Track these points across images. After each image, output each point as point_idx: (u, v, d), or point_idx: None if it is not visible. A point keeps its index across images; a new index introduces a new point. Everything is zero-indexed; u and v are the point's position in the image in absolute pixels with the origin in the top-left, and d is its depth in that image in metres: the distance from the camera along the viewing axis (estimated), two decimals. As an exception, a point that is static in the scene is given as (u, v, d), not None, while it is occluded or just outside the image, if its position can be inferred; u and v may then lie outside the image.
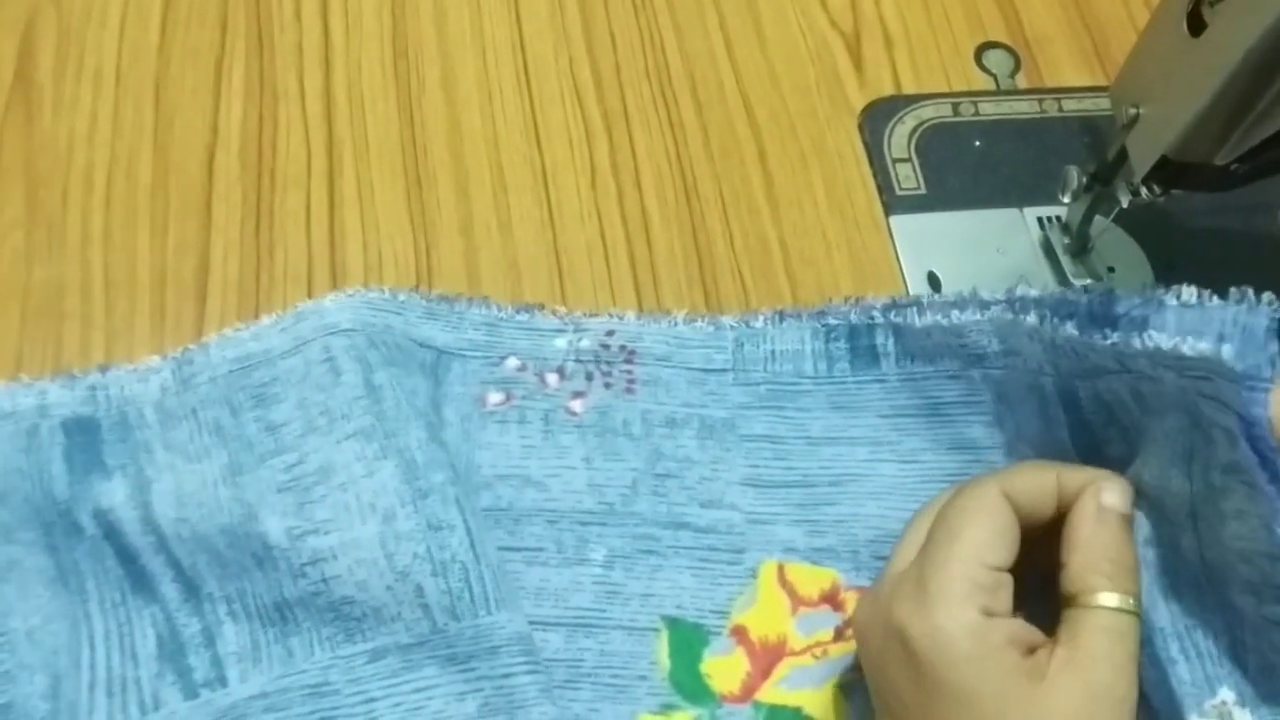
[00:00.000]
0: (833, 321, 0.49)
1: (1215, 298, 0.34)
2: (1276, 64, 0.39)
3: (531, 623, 0.43)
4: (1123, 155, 0.48)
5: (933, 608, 0.35)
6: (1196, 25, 0.42)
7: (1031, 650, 0.35)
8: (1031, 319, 0.41)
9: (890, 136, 0.58)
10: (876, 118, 0.58)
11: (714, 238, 0.54)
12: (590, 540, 0.45)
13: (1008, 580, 0.36)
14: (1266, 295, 0.32)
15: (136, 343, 0.48)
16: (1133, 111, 0.46)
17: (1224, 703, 0.34)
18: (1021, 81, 0.61)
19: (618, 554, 0.45)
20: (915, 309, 0.48)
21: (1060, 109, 0.60)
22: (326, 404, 0.44)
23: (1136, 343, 0.35)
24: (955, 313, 0.46)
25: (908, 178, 0.57)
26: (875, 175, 0.57)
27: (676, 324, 0.50)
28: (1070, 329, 0.39)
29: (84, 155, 0.53)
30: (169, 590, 0.42)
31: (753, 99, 0.58)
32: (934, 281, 0.54)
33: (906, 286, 0.54)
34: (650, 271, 0.52)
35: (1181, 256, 0.56)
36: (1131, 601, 0.36)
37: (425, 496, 0.42)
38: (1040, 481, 0.38)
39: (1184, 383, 0.34)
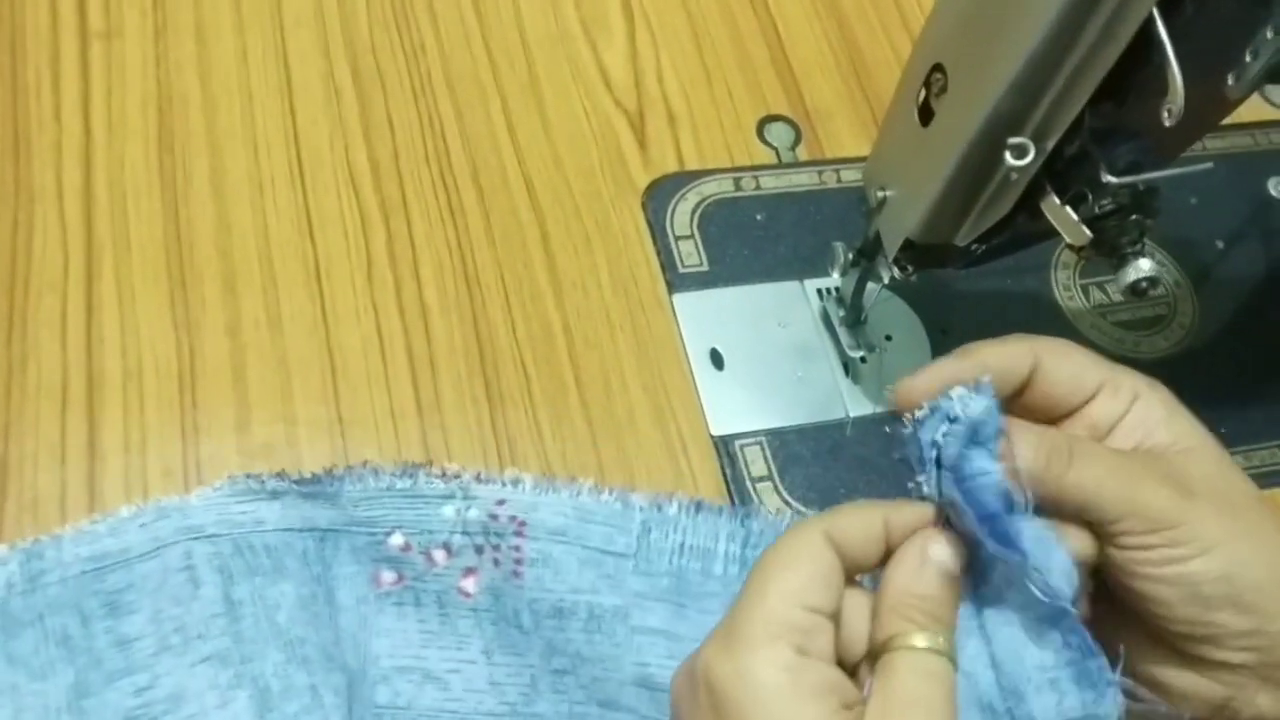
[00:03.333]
0: (756, 526, 0.46)
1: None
2: (996, 153, 0.40)
3: None
4: (880, 234, 0.49)
5: (740, 647, 0.32)
6: (926, 115, 0.43)
7: (849, 707, 0.32)
8: None
9: (673, 214, 0.58)
10: (659, 195, 0.59)
11: (495, 326, 0.53)
12: None
13: (827, 626, 0.34)
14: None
15: (-127, 469, 0.46)
16: (880, 195, 0.47)
17: None
18: (802, 154, 0.62)
19: None
20: None
21: (839, 180, 0.61)
22: (183, 620, 0.42)
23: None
24: None
25: (690, 255, 0.57)
26: (658, 254, 0.57)
27: (580, 494, 0.46)
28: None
29: None
30: None
31: (536, 181, 0.58)
32: (716, 359, 0.54)
33: (690, 365, 0.54)
34: (429, 366, 0.52)
35: (956, 321, 0.57)
36: (942, 642, 0.33)
37: None
38: (865, 522, 0.35)
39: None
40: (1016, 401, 0.37)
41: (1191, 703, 0.35)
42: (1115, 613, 0.36)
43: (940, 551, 0.34)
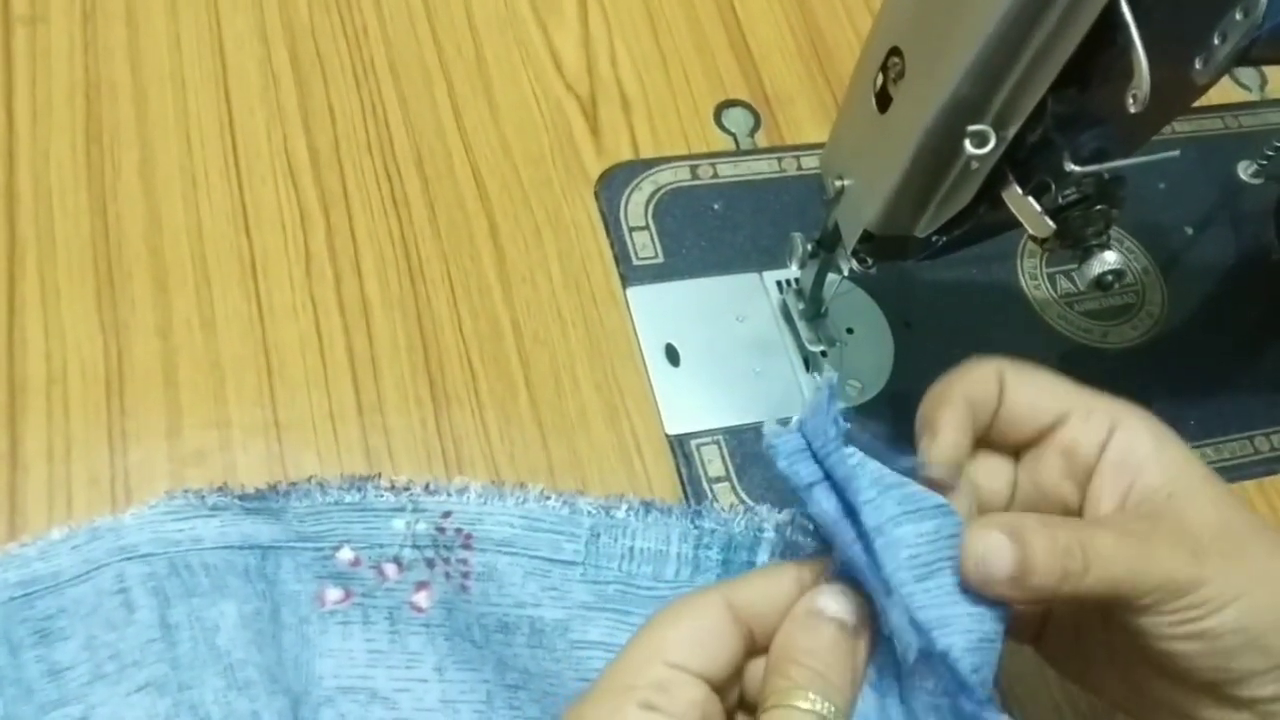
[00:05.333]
0: (709, 525, 0.45)
1: None
2: (956, 141, 0.38)
3: None
4: (839, 225, 0.47)
5: (587, 702, 0.31)
6: (884, 101, 0.41)
7: None
8: None
9: (627, 204, 0.56)
10: (613, 184, 0.57)
11: (441, 323, 0.51)
12: None
13: (692, 684, 0.31)
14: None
15: None
16: (838, 184, 0.45)
17: None
18: (761, 140, 0.60)
19: None
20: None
21: (800, 167, 0.59)
22: (117, 646, 0.40)
23: None
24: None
25: (645, 246, 0.55)
26: (612, 245, 0.55)
27: (526, 500, 0.45)
28: None
29: None
30: None
31: (483, 170, 0.56)
32: (672, 355, 0.52)
33: (644, 362, 0.52)
34: (370, 365, 0.49)
35: (920, 313, 0.56)
36: (826, 707, 0.31)
37: None
38: (771, 584, 0.34)
39: None
40: (988, 429, 0.36)
41: None
42: (1139, 659, 0.35)
43: (827, 602, 0.32)
